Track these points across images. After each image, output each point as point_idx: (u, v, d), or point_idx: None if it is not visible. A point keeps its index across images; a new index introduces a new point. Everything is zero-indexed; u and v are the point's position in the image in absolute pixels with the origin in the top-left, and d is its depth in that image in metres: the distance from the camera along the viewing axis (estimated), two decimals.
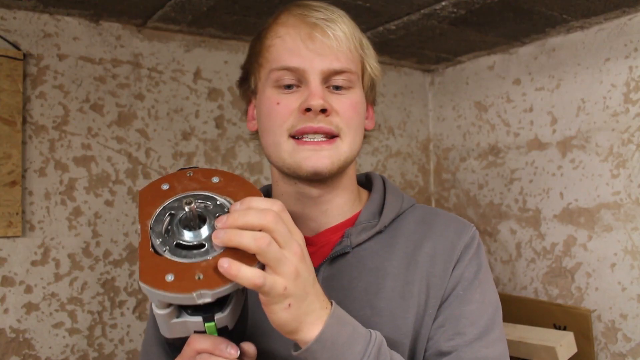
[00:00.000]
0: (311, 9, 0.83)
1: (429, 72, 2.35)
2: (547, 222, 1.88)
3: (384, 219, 0.87)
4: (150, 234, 0.61)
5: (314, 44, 0.80)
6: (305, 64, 0.80)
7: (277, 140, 0.81)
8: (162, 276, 0.57)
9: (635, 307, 1.64)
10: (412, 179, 2.29)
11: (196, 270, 0.57)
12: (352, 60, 0.83)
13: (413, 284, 0.82)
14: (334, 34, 0.80)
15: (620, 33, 1.68)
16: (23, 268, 1.50)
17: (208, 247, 0.60)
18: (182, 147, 1.77)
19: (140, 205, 0.64)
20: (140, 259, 0.59)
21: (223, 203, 0.63)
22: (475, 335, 0.78)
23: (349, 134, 0.82)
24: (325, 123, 0.79)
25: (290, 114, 0.80)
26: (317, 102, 0.78)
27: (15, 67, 1.49)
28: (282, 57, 0.81)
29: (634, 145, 1.65)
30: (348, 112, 0.82)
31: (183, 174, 0.67)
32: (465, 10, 1.58)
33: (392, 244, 0.85)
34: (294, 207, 0.86)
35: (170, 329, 0.63)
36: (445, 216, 0.89)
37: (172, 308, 0.60)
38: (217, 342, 0.63)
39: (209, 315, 0.60)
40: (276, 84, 0.82)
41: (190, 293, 0.56)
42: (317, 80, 0.80)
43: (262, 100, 0.84)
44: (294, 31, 0.81)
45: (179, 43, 1.78)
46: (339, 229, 0.87)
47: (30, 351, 1.50)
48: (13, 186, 1.47)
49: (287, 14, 0.84)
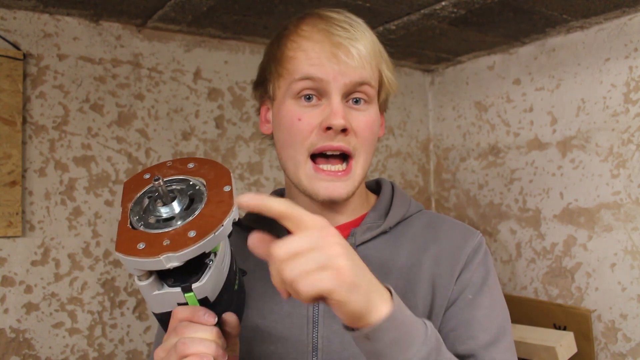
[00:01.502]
0: (335, 24, 0.83)
1: (429, 72, 2.35)
2: (547, 222, 1.88)
3: (390, 220, 0.88)
4: (130, 213, 0.67)
5: (338, 64, 0.81)
6: (328, 77, 0.81)
7: (297, 158, 0.83)
8: (134, 245, 0.62)
9: (635, 307, 1.64)
10: (412, 179, 2.29)
11: (164, 238, 0.62)
12: (372, 74, 0.84)
13: (417, 283, 0.83)
14: (358, 53, 0.81)
15: (620, 33, 1.68)
16: (23, 268, 1.50)
17: (176, 220, 0.65)
18: (182, 147, 1.77)
19: (124, 193, 0.70)
20: (118, 234, 0.65)
21: (195, 182, 0.69)
22: (488, 340, 0.79)
23: (362, 154, 0.84)
24: (344, 142, 0.82)
25: (311, 131, 0.82)
26: (338, 121, 0.79)
27: (15, 67, 1.49)
28: (305, 69, 0.82)
29: (634, 145, 1.65)
30: (365, 132, 0.84)
31: (164, 164, 0.73)
32: (465, 10, 1.58)
33: (397, 244, 0.87)
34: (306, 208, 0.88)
35: (154, 302, 0.67)
36: (453, 222, 0.91)
37: (153, 279, 0.65)
38: (195, 310, 0.65)
39: (186, 285, 0.64)
40: (297, 95, 0.83)
41: (158, 256, 0.61)
42: (339, 97, 0.81)
43: (282, 112, 0.85)
44: (318, 47, 0.82)
45: (179, 43, 1.78)
46: (345, 228, 0.88)
47: (30, 351, 1.50)
48: (13, 186, 1.47)
49: (310, 27, 0.84)
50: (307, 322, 0.82)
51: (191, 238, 0.62)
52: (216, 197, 0.66)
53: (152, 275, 0.65)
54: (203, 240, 0.61)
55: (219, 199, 0.66)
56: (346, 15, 0.86)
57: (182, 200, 0.67)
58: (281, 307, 0.84)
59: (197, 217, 0.64)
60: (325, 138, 0.81)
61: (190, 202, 0.67)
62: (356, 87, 0.82)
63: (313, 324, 0.82)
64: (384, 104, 0.93)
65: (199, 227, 0.63)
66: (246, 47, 1.90)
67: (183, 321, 0.65)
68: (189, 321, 0.65)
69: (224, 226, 0.63)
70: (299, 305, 0.83)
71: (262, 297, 0.85)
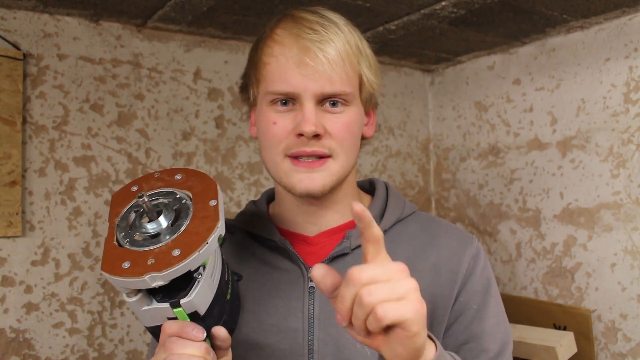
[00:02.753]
0: (306, 26, 0.82)
1: (429, 72, 2.35)
2: (547, 222, 1.88)
3: (385, 222, 0.88)
4: (116, 229, 0.67)
5: (306, 70, 0.80)
6: (298, 89, 0.80)
7: (274, 159, 0.84)
8: (119, 264, 0.62)
9: (635, 307, 1.64)
10: (412, 179, 2.29)
11: (149, 256, 0.62)
12: (347, 80, 0.82)
13: None
14: (326, 57, 0.80)
15: (620, 33, 1.68)
16: (23, 268, 1.50)
17: (162, 236, 0.64)
18: (182, 147, 1.77)
19: (111, 207, 0.70)
20: (104, 252, 0.65)
21: (181, 196, 0.69)
22: (497, 350, 0.82)
23: (341, 155, 0.83)
24: (318, 146, 0.81)
25: (285, 135, 0.82)
26: (309, 128, 0.79)
27: (15, 67, 1.49)
28: (275, 82, 0.82)
29: (634, 145, 1.65)
30: (341, 133, 0.83)
31: (151, 175, 0.73)
32: (465, 10, 1.58)
33: (393, 248, 0.86)
34: (295, 212, 0.89)
35: (144, 317, 0.67)
36: (448, 226, 0.91)
37: (141, 295, 0.64)
38: (184, 326, 0.65)
39: (175, 300, 0.64)
40: (272, 101, 0.83)
41: (142, 276, 0.60)
42: (311, 104, 0.81)
43: (260, 116, 0.86)
44: (288, 52, 0.81)
45: (179, 43, 1.78)
46: (339, 230, 0.88)
47: (30, 351, 1.50)
48: (13, 186, 1.47)
49: (282, 29, 0.83)
50: (302, 325, 0.82)
51: (175, 257, 0.61)
52: (201, 212, 0.66)
53: (140, 292, 0.64)
54: (187, 260, 0.61)
55: (204, 214, 0.65)
56: (321, 15, 0.84)
57: (168, 215, 0.66)
58: (277, 310, 0.84)
59: (181, 234, 0.64)
60: (299, 143, 0.81)
61: (177, 217, 0.66)
62: (328, 97, 0.82)
63: (309, 327, 0.82)
64: (370, 102, 0.91)
65: (183, 245, 0.62)
66: (246, 47, 1.90)
67: (172, 336, 0.65)
68: (178, 337, 0.65)
69: (208, 244, 0.63)
70: (294, 309, 0.83)
71: (258, 300, 0.85)
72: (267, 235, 0.88)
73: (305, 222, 0.89)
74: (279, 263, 0.87)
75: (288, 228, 0.91)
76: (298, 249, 0.87)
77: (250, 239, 0.91)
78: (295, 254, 0.85)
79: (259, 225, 0.89)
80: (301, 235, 0.89)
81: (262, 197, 0.98)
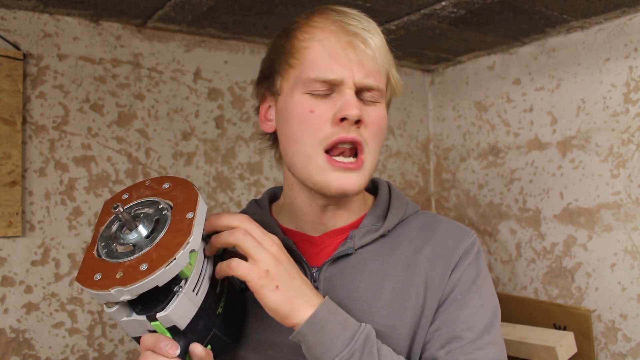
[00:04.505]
0: (349, 16, 0.82)
1: (429, 72, 2.35)
2: (547, 222, 1.88)
3: (388, 223, 0.88)
4: (99, 239, 0.67)
5: (355, 53, 0.80)
6: (344, 74, 0.79)
7: (307, 151, 0.81)
8: (92, 275, 0.63)
9: (635, 307, 1.64)
10: (412, 179, 2.29)
11: (119, 269, 0.62)
12: (381, 78, 0.83)
13: (411, 285, 0.83)
14: (373, 46, 0.80)
15: (620, 33, 1.68)
16: (23, 268, 1.50)
17: (137, 248, 0.64)
18: (182, 147, 1.77)
19: (100, 215, 0.70)
20: (82, 261, 0.66)
21: (164, 206, 0.69)
22: (471, 339, 0.78)
23: (372, 148, 0.83)
24: (357, 134, 0.80)
25: (324, 123, 0.80)
26: (354, 112, 0.78)
27: (15, 67, 1.49)
28: (320, 66, 0.80)
29: (634, 145, 1.65)
30: (375, 125, 0.83)
31: (142, 183, 0.73)
32: (465, 10, 1.58)
33: (394, 247, 0.87)
34: (304, 210, 0.88)
35: (126, 327, 0.67)
36: (448, 223, 0.90)
37: (119, 307, 0.64)
38: (159, 340, 0.65)
39: (151, 314, 0.64)
40: (309, 90, 0.81)
41: (109, 290, 0.61)
42: (352, 90, 0.80)
43: (291, 105, 0.82)
44: (334, 37, 0.80)
45: (179, 43, 1.78)
46: (343, 231, 0.88)
47: (30, 351, 1.50)
48: (13, 186, 1.47)
49: (324, 18, 0.83)
50: None
51: (142, 272, 0.61)
52: (176, 224, 0.65)
53: (118, 304, 0.64)
54: (152, 275, 0.60)
55: (178, 227, 0.65)
56: (361, 14, 0.85)
57: (147, 226, 0.66)
58: None
59: (152, 248, 0.63)
60: (340, 130, 0.79)
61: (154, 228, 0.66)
62: (366, 90, 0.82)
63: None
64: (388, 105, 0.92)
65: (152, 260, 0.62)
66: (246, 47, 1.90)
67: (147, 350, 0.65)
68: (152, 351, 0.65)
69: (176, 260, 0.61)
70: None
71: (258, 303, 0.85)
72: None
73: (314, 223, 0.88)
74: None
75: (292, 227, 0.90)
76: (301, 248, 0.86)
77: None
78: (298, 253, 0.85)
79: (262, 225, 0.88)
80: (305, 235, 0.89)
81: (264, 196, 0.97)
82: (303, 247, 0.87)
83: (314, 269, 0.84)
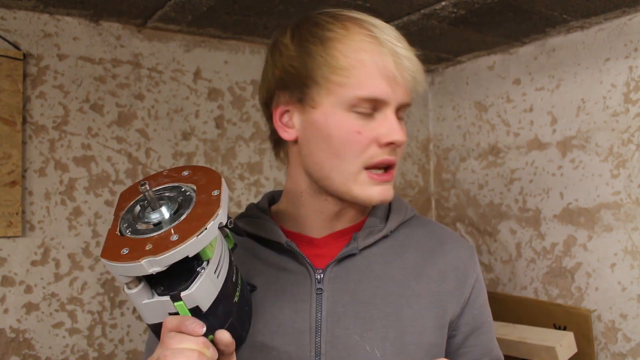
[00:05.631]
0: (387, 34, 0.83)
1: (429, 72, 2.35)
2: (547, 222, 1.88)
3: (390, 224, 0.89)
4: (120, 221, 0.67)
5: (402, 75, 0.80)
6: (390, 96, 0.80)
7: (349, 169, 0.81)
8: (118, 251, 0.62)
9: (635, 307, 1.64)
10: (412, 179, 2.29)
11: (147, 243, 0.62)
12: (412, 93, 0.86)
13: (422, 296, 0.85)
14: (417, 66, 0.83)
15: (620, 33, 1.68)
16: (23, 268, 1.50)
17: (164, 224, 0.65)
18: (182, 147, 1.77)
19: (118, 203, 0.71)
20: (105, 241, 0.65)
21: (186, 189, 0.69)
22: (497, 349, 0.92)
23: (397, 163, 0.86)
24: (395, 155, 0.83)
25: (370, 145, 0.81)
26: (401, 138, 0.80)
27: (15, 67, 1.49)
28: (370, 85, 0.79)
29: (634, 145, 1.65)
30: (404, 144, 0.85)
31: (160, 174, 0.74)
32: (465, 10, 1.58)
33: (400, 252, 0.88)
34: (310, 215, 0.88)
35: (146, 312, 0.66)
36: (452, 233, 0.95)
37: (142, 287, 0.64)
38: (183, 319, 0.63)
39: (175, 293, 0.63)
40: (354, 109, 0.80)
41: (139, 260, 0.60)
42: (394, 111, 0.82)
43: (334, 122, 0.80)
44: (379, 58, 0.80)
45: (179, 43, 1.78)
46: (346, 233, 0.88)
47: (30, 351, 1.50)
48: (13, 186, 1.47)
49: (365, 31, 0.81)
50: (309, 328, 0.82)
51: (173, 242, 0.61)
52: (203, 201, 0.66)
53: (141, 283, 0.64)
54: (185, 244, 0.60)
55: (206, 202, 0.66)
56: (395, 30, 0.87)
57: (171, 206, 0.67)
58: (283, 313, 0.83)
59: (182, 221, 0.64)
60: (383, 152, 0.81)
61: (179, 208, 0.66)
62: (404, 107, 0.84)
63: (316, 329, 0.82)
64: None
65: (182, 231, 0.62)
66: (246, 47, 1.90)
67: (171, 332, 0.64)
68: (177, 332, 0.63)
69: (207, 229, 0.62)
70: (301, 310, 0.83)
71: (263, 302, 0.84)
72: (273, 237, 0.87)
73: (317, 225, 0.88)
74: (284, 264, 0.86)
75: (294, 230, 0.90)
76: (304, 250, 0.86)
77: (254, 242, 0.90)
78: (302, 255, 0.84)
79: (264, 228, 0.89)
80: (307, 236, 0.89)
81: (264, 199, 0.97)
82: (305, 248, 0.87)
83: (318, 271, 0.84)
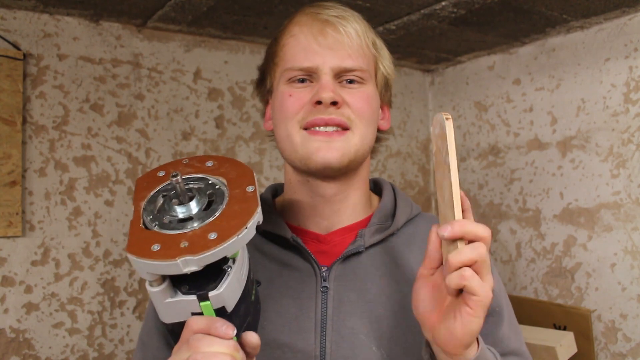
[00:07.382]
0: (324, 7, 0.85)
1: (429, 72, 2.35)
2: (547, 222, 1.88)
3: (397, 221, 0.87)
4: (142, 212, 0.62)
5: (326, 40, 0.81)
6: (317, 61, 0.81)
7: (289, 132, 0.82)
8: (148, 246, 0.57)
9: (635, 307, 1.64)
10: (412, 179, 2.29)
11: (182, 239, 0.58)
12: (364, 58, 0.84)
13: None
14: (345, 30, 0.82)
15: (620, 33, 1.68)
16: (23, 268, 1.50)
17: (195, 220, 0.60)
18: (182, 147, 1.77)
19: (136, 190, 0.66)
20: (130, 234, 0.60)
21: (215, 182, 0.65)
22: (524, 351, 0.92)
23: (360, 126, 0.82)
24: (336, 114, 0.80)
25: (302, 106, 0.81)
26: (327, 94, 0.79)
27: (15, 67, 1.49)
28: (295, 57, 0.83)
29: (634, 145, 1.65)
30: (359, 103, 0.82)
31: (179, 162, 0.69)
32: (465, 10, 1.58)
33: (407, 251, 0.86)
34: (306, 205, 0.87)
35: (167, 311, 0.62)
36: None
37: (166, 285, 0.60)
38: (212, 321, 0.59)
39: (203, 293, 0.59)
40: (289, 80, 0.83)
41: (175, 259, 0.56)
42: (329, 76, 0.81)
43: (276, 96, 0.86)
44: (307, 29, 0.83)
45: (179, 43, 1.78)
46: (351, 229, 0.87)
47: (30, 351, 1.50)
48: (13, 186, 1.47)
49: (300, 14, 0.87)
50: (314, 327, 0.80)
51: (212, 240, 0.57)
52: (239, 197, 0.62)
53: (166, 281, 0.59)
54: (225, 244, 0.56)
55: (243, 198, 0.61)
56: (340, 4, 0.87)
57: (201, 200, 0.62)
58: (287, 310, 0.81)
59: (217, 218, 0.59)
60: (316, 112, 0.80)
61: (210, 203, 0.62)
62: (346, 72, 0.82)
63: (321, 328, 0.80)
64: (386, 95, 0.91)
65: (221, 229, 0.58)
66: (246, 47, 1.90)
67: (198, 333, 0.59)
68: (205, 333, 0.59)
69: (247, 229, 0.58)
70: (306, 308, 0.81)
71: (267, 298, 0.82)
72: (278, 232, 0.85)
73: (317, 218, 0.87)
74: (289, 260, 0.84)
75: (298, 225, 0.88)
76: (310, 247, 0.85)
77: (259, 236, 0.87)
78: (308, 251, 0.83)
79: (269, 222, 0.85)
80: (313, 232, 0.87)
81: (267, 192, 0.95)
82: (311, 245, 0.86)
83: (324, 268, 0.83)
